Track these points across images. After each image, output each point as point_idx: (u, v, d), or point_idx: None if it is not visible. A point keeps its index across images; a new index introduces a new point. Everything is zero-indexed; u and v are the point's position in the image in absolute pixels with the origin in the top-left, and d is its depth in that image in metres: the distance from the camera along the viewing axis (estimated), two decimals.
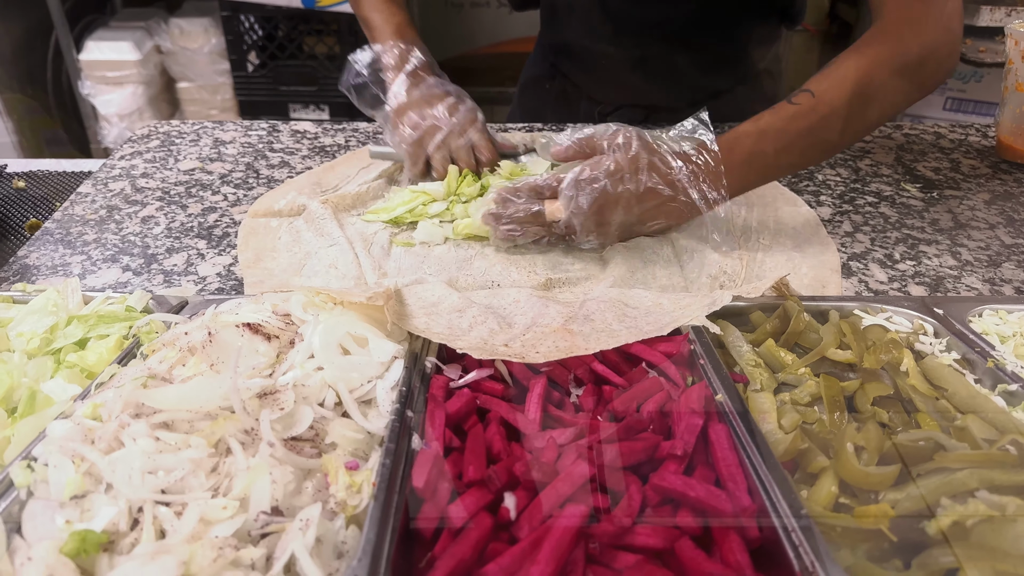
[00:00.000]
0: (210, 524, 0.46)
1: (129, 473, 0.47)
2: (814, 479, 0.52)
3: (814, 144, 0.87)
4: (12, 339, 0.67)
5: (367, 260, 0.95)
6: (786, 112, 0.85)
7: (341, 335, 0.62)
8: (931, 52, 0.84)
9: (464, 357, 0.67)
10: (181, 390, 0.52)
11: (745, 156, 0.85)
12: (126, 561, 0.43)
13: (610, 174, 0.82)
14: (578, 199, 0.83)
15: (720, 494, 0.48)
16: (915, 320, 0.73)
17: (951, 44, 0.86)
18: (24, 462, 0.50)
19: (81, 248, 0.98)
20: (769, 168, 0.89)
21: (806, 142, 0.86)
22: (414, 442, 0.54)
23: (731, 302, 0.74)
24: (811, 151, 0.89)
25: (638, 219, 0.88)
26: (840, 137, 0.87)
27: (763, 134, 0.85)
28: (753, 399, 0.59)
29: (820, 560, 0.42)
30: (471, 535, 0.46)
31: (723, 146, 0.85)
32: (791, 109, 0.85)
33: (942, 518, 0.45)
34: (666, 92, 1.34)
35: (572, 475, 0.51)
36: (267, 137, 1.32)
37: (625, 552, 0.46)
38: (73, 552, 0.43)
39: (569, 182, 0.83)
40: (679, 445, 0.53)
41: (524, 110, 1.52)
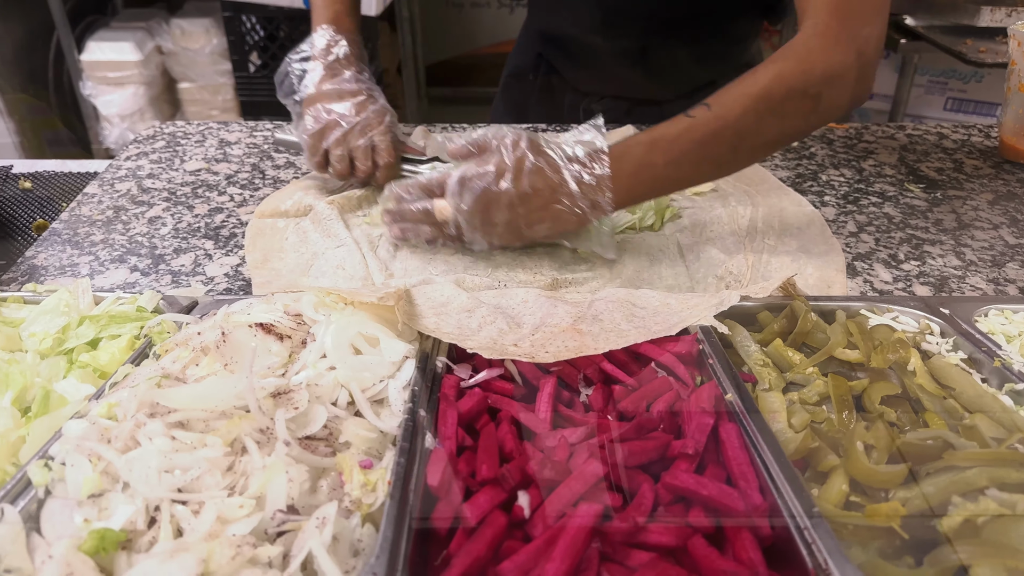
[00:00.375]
0: (227, 523, 0.46)
1: (146, 472, 0.48)
2: (824, 478, 0.52)
3: (705, 158, 0.83)
4: (25, 339, 0.67)
5: (374, 261, 0.96)
6: (680, 124, 0.81)
7: (353, 335, 0.62)
8: (837, 74, 0.79)
9: (474, 357, 0.68)
10: (196, 389, 0.53)
11: (634, 166, 0.82)
12: (145, 559, 0.43)
13: (493, 173, 0.81)
14: (462, 196, 0.83)
15: (732, 492, 0.49)
16: (921, 320, 0.74)
17: (861, 69, 0.80)
18: (41, 461, 0.51)
19: (89, 249, 0.99)
20: (658, 180, 0.84)
21: (697, 155, 0.82)
22: (427, 441, 0.54)
23: (738, 302, 0.74)
24: (703, 165, 0.85)
25: (524, 221, 0.84)
26: (733, 153, 0.84)
27: (654, 144, 0.82)
28: (763, 398, 0.59)
29: (833, 557, 0.42)
30: (486, 533, 0.46)
31: (614, 154, 0.81)
32: (685, 122, 0.81)
33: (953, 516, 0.46)
34: (652, 84, 1.34)
35: (584, 474, 0.51)
36: (272, 138, 1.33)
37: (638, 550, 0.47)
38: (92, 550, 0.43)
39: (454, 180, 0.83)
40: (690, 444, 0.54)
41: (508, 105, 1.52)
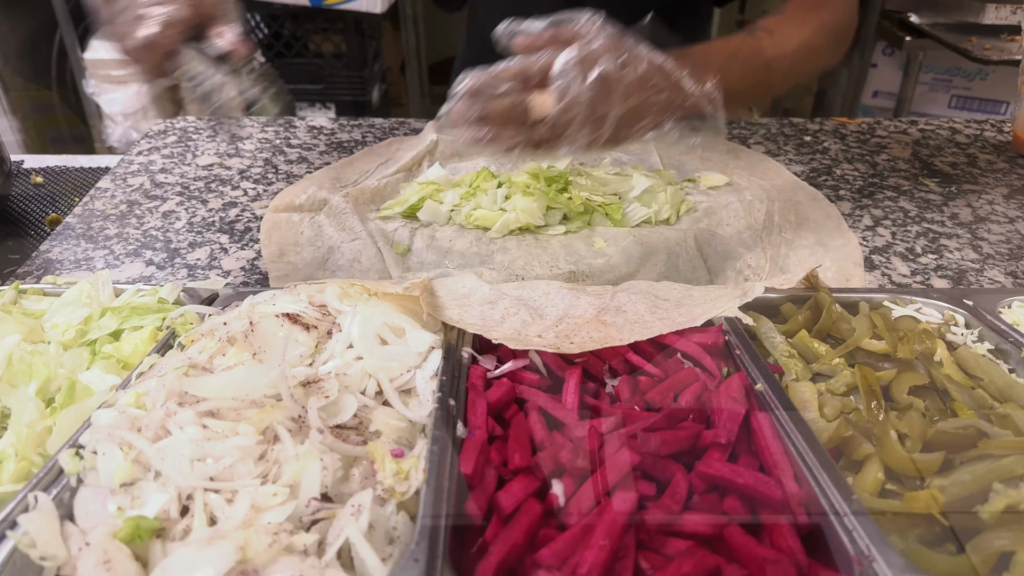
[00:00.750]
0: (260, 511, 0.46)
1: (178, 461, 0.47)
2: (858, 466, 0.52)
3: (765, 80, 0.89)
4: (47, 330, 0.67)
5: (390, 254, 0.95)
6: (749, 44, 0.87)
7: (379, 325, 0.62)
8: (852, 29, 0.94)
9: (498, 348, 0.67)
10: (227, 378, 0.53)
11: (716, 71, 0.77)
12: (181, 547, 0.43)
13: (609, 55, 0.69)
14: (578, 84, 0.68)
15: (769, 480, 0.48)
16: (945, 311, 0.73)
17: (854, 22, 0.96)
18: (72, 450, 0.50)
19: (103, 243, 0.98)
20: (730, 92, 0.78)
21: (761, 76, 0.87)
22: (459, 430, 0.54)
23: (762, 294, 0.74)
24: (761, 87, 0.90)
25: (634, 112, 0.73)
26: (781, 81, 0.91)
27: (733, 56, 0.84)
28: (793, 389, 0.59)
29: (876, 544, 0.42)
30: (522, 521, 0.46)
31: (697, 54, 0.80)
32: (753, 43, 0.86)
33: (995, 502, 0.45)
34: None
35: (618, 463, 0.51)
36: (284, 133, 1.32)
37: (675, 538, 0.46)
38: (127, 538, 0.43)
39: (565, 64, 0.68)
40: (722, 433, 0.53)
41: None
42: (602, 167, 1.14)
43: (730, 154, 1.23)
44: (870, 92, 3.42)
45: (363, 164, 1.21)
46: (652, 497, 0.50)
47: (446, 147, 1.23)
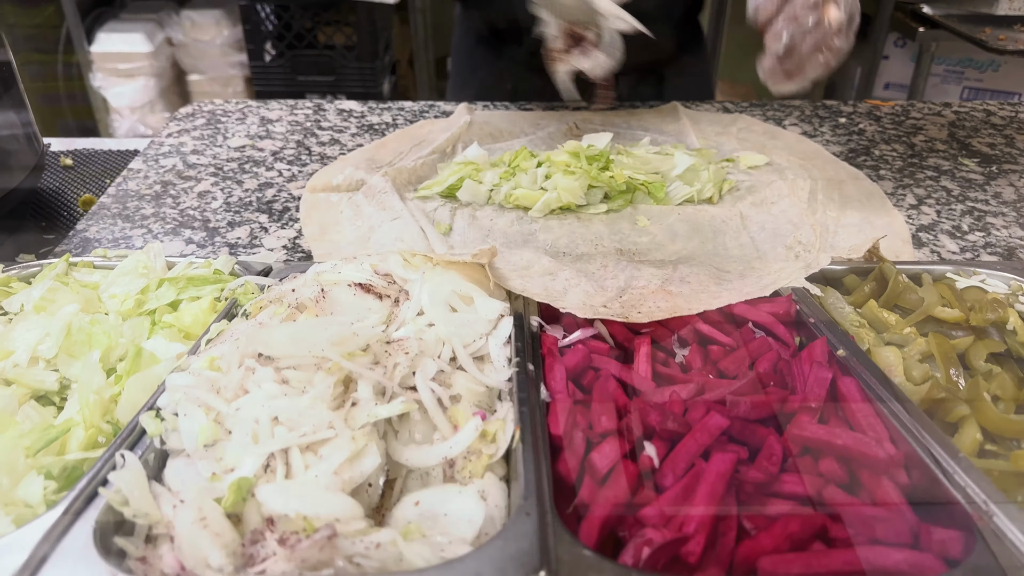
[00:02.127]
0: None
1: (260, 417, 0.46)
2: (951, 429, 0.51)
3: None
4: (105, 300, 0.65)
5: (433, 232, 0.94)
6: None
7: (448, 293, 0.61)
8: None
9: (562, 319, 0.66)
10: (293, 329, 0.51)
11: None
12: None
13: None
14: None
15: (869, 440, 0.47)
16: (1011, 282, 0.72)
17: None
18: (151, 412, 0.49)
19: (140, 222, 0.97)
20: None
21: None
22: (542, 394, 0.53)
23: (828, 265, 0.73)
24: None
25: None
26: None
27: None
28: (876, 354, 0.58)
29: (994, 499, 0.41)
30: (618, 481, 0.45)
31: None
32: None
33: None
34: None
35: (708, 426, 0.50)
36: (314, 116, 1.31)
37: (775, 499, 0.45)
38: (232, 505, 0.42)
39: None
40: (811, 398, 0.52)
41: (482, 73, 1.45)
42: (641, 146, 1.13)
43: (766, 135, 1.22)
44: (881, 84, 3.41)
45: (396, 145, 1.19)
46: (746, 460, 0.48)
47: (480, 128, 1.22)
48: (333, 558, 0.38)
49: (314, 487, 0.43)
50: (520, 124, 1.26)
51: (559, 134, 1.23)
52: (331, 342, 0.50)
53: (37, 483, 0.46)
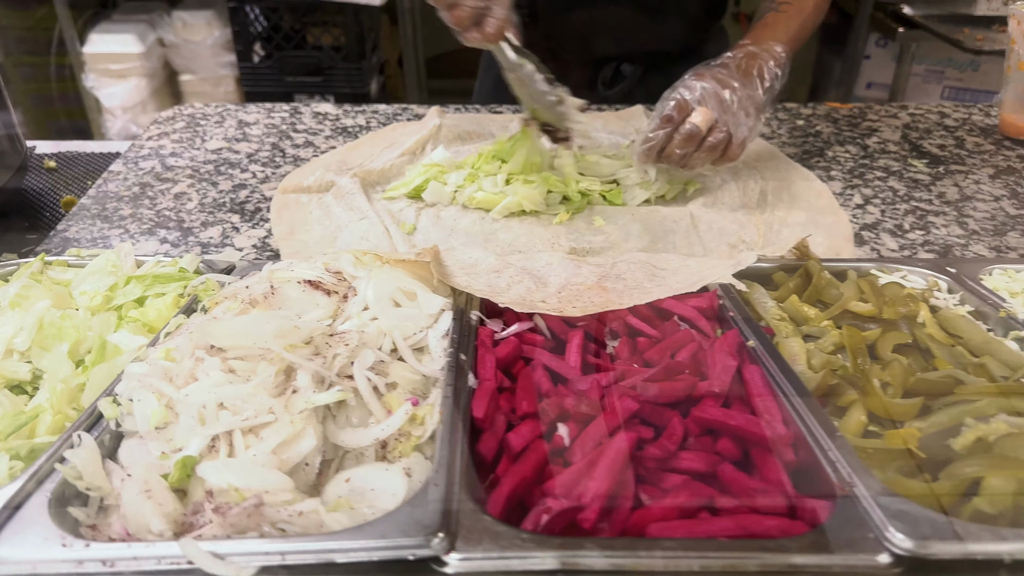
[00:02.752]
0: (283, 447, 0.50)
1: (205, 402, 0.51)
2: (843, 412, 0.56)
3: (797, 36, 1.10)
4: (76, 297, 0.70)
5: (397, 232, 0.99)
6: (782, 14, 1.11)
7: (392, 289, 0.65)
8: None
9: (504, 313, 0.71)
10: (241, 323, 0.56)
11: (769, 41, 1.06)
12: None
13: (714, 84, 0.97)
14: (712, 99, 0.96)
15: (759, 421, 0.52)
16: (929, 278, 0.77)
17: None
18: (109, 398, 0.54)
19: (118, 222, 1.01)
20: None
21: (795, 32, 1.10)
22: (470, 381, 0.57)
23: (755, 263, 0.78)
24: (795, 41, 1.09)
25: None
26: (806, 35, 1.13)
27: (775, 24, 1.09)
28: (783, 344, 0.63)
29: (857, 473, 0.45)
30: (530, 458, 0.50)
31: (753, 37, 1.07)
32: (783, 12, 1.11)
33: (966, 435, 0.49)
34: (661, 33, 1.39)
35: (619, 409, 0.54)
36: (290, 119, 1.36)
37: (672, 474, 0.50)
38: (178, 480, 0.46)
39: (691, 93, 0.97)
40: (716, 384, 0.57)
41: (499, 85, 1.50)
42: (599, 151, 1.17)
43: None
44: (864, 83, 3.46)
45: (368, 148, 1.24)
46: (651, 439, 0.53)
47: (449, 131, 1.26)
48: (260, 524, 0.43)
49: (251, 464, 0.47)
50: (488, 126, 1.31)
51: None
52: (274, 334, 0.54)
53: (3, 461, 0.51)
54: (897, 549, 0.40)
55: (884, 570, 0.40)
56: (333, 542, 0.40)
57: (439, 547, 0.40)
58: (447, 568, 0.40)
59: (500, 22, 0.93)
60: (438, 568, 0.40)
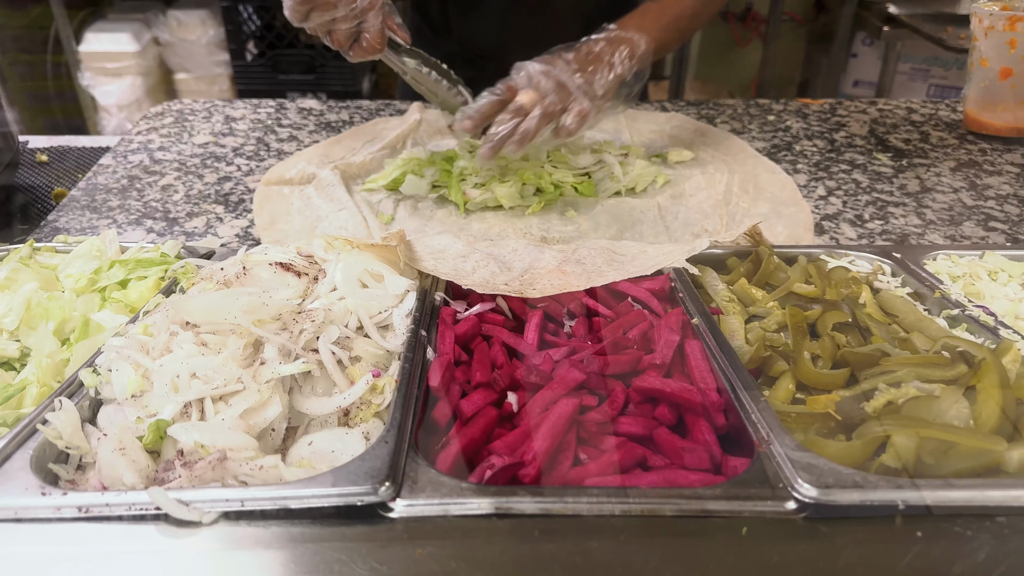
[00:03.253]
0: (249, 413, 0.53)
1: (178, 372, 0.55)
2: (775, 382, 0.60)
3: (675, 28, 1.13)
4: (62, 280, 0.74)
5: (375, 222, 1.03)
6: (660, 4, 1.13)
7: (360, 271, 0.69)
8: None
9: (469, 295, 0.75)
10: (211, 298, 0.60)
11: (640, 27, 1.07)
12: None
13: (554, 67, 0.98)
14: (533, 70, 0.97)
15: (692, 389, 0.56)
16: (874, 262, 0.81)
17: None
18: (90, 368, 0.58)
19: (107, 213, 1.05)
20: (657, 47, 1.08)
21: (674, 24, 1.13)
22: (428, 354, 0.61)
23: (709, 249, 0.82)
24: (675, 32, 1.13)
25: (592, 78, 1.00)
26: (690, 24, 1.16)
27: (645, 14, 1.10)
28: (724, 321, 0.67)
29: (774, 432, 0.49)
30: (479, 422, 0.54)
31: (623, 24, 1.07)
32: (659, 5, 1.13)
33: (878, 399, 0.53)
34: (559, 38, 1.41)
35: (566, 379, 0.58)
36: (275, 114, 1.39)
37: (610, 436, 0.54)
38: (152, 442, 0.50)
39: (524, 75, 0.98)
40: (658, 356, 0.61)
41: None
42: (580, 147, 1.21)
43: (696, 132, 1.31)
44: (851, 81, 3.50)
45: (350, 142, 1.28)
46: (594, 406, 0.57)
47: (429, 126, 1.30)
48: (223, 476, 0.46)
49: (219, 426, 0.51)
50: None
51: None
52: (243, 310, 0.58)
53: None
54: (803, 497, 0.44)
55: (790, 515, 0.44)
56: (289, 490, 0.44)
57: (385, 494, 0.44)
58: (392, 513, 0.44)
59: (374, 36, 0.94)
60: (384, 513, 0.44)
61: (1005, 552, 0.41)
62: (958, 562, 0.41)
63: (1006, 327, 0.66)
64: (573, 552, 0.41)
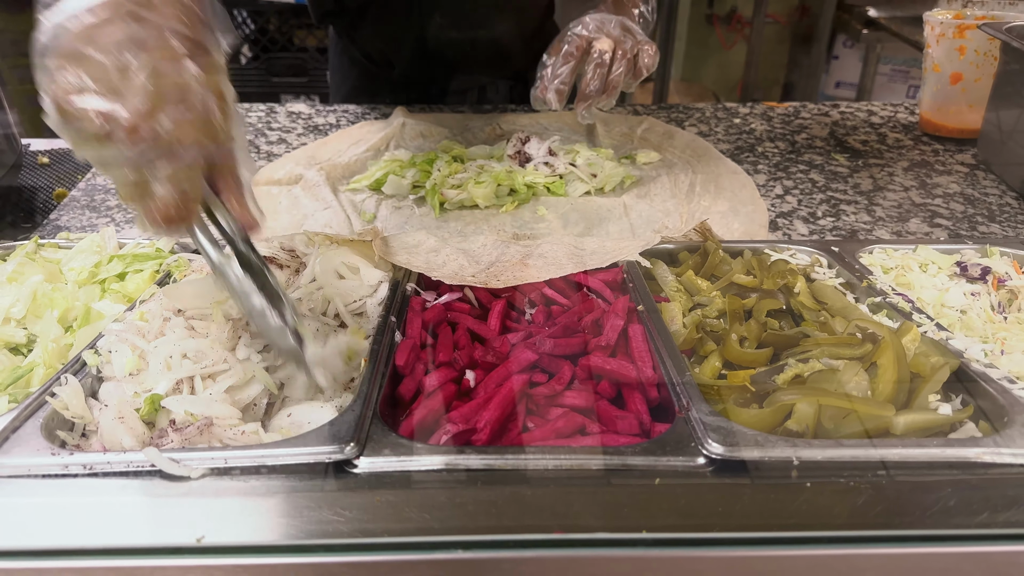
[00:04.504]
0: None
1: (171, 353, 0.62)
2: (704, 360, 0.67)
3: None
4: (65, 272, 0.81)
5: (357, 221, 1.10)
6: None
7: (337, 264, 0.76)
8: None
9: (439, 286, 0.82)
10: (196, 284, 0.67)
11: None
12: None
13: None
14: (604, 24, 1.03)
15: (628, 366, 0.63)
16: (813, 255, 0.88)
17: None
18: (92, 350, 0.64)
19: (105, 212, 1.12)
20: None
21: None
22: (396, 337, 0.68)
23: (662, 244, 0.89)
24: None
25: None
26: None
27: None
28: (666, 309, 0.74)
29: (694, 402, 0.56)
30: (440, 395, 0.61)
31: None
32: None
33: (787, 373, 0.60)
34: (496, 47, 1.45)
35: (519, 358, 0.65)
36: (265, 118, 1.46)
37: (556, 407, 0.61)
38: (147, 414, 0.57)
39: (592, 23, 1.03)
40: (603, 339, 0.68)
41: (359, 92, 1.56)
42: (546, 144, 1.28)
43: (665, 135, 1.38)
44: (832, 83, 3.58)
45: (337, 144, 1.35)
46: (544, 382, 0.64)
47: (412, 129, 1.37)
48: (210, 440, 0.53)
49: (207, 399, 0.58)
50: (449, 124, 1.42)
51: (483, 134, 1.39)
52: (223, 295, 0.65)
53: (3, 401, 0.61)
54: (711, 454, 0.51)
55: (699, 468, 0.51)
56: (266, 450, 0.51)
57: (350, 452, 0.51)
58: (356, 470, 0.51)
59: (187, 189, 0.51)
60: (350, 470, 0.51)
61: (882, 498, 0.48)
62: (839, 506, 0.48)
63: (920, 312, 0.73)
64: (510, 499, 0.47)
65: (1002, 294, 0.84)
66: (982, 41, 1.27)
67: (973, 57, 1.29)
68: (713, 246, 0.86)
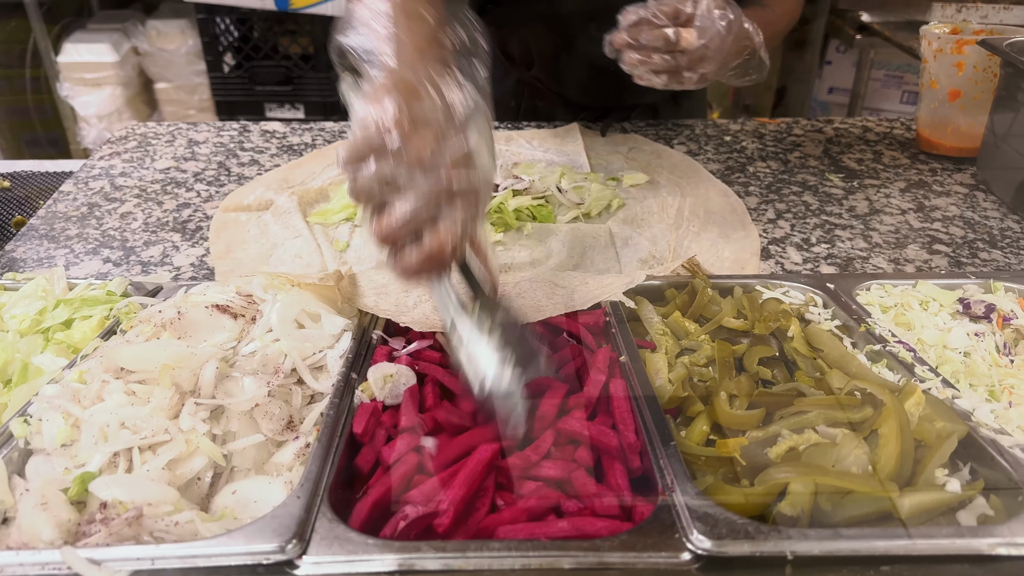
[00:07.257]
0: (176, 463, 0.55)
1: (108, 421, 0.56)
2: (692, 422, 0.62)
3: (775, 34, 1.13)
4: (6, 320, 0.75)
5: (329, 250, 1.04)
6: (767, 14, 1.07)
7: (296, 312, 0.71)
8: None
9: (409, 331, 0.76)
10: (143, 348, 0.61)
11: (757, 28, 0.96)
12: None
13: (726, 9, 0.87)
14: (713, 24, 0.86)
15: (610, 433, 0.58)
16: (807, 293, 0.83)
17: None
18: (21, 418, 0.59)
19: (64, 242, 1.06)
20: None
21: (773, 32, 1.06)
22: (356, 397, 0.63)
23: (647, 281, 0.83)
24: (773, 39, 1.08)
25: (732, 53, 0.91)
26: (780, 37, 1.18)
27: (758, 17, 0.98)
28: (649, 359, 0.68)
29: (678, 478, 0.51)
30: (399, 469, 0.55)
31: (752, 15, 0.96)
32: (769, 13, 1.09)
33: (781, 445, 0.55)
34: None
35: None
36: (238, 137, 1.40)
37: (529, 480, 0.56)
38: (77, 494, 0.52)
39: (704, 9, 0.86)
40: (583, 397, 0.63)
41: None
42: (536, 169, 1.23)
43: (653, 154, 1.33)
44: (826, 88, 3.54)
45: (311, 166, 1.29)
46: (515, 448, 0.59)
47: None
48: (140, 533, 0.48)
49: (141, 479, 0.53)
50: None
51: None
52: (171, 359, 0.60)
53: None
54: (697, 548, 0.46)
55: (684, 566, 0.46)
56: (199, 548, 0.46)
57: (292, 551, 0.45)
58: (298, 571, 0.45)
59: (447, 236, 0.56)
60: (291, 571, 0.45)
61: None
62: None
63: (923, 363, 0.68)
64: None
65: (1007, 334, 0.79)
66: (981, 57, 1.22)
67: (972, 73, 1.24)
68: (701, 284, 0.81)
